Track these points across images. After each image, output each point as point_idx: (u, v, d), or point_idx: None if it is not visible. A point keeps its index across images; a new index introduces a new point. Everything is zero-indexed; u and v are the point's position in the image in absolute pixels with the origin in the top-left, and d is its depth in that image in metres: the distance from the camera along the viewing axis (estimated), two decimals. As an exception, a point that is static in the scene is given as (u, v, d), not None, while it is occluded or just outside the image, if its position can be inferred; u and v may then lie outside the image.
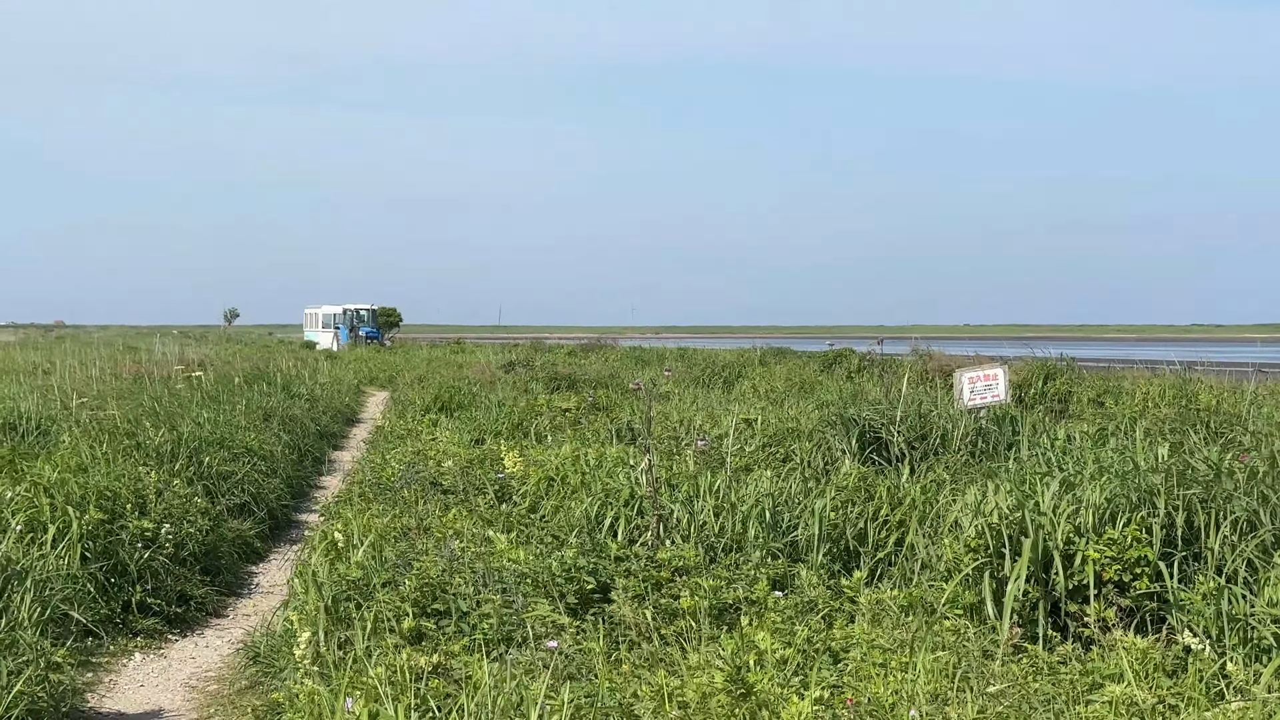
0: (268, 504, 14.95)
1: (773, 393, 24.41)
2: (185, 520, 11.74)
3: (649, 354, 44.95)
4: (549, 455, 13.52)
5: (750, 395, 24.17)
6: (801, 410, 18.24)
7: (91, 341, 55.73)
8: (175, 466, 13.81)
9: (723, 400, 22.26)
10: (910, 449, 13.54)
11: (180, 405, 18.27)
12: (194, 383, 22.15)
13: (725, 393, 25.77)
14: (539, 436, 17.24)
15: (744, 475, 11.75)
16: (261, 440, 17.35)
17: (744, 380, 29.35)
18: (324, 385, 30.60)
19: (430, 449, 15.59)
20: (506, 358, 36.78)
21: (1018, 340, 67.53)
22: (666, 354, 44.30)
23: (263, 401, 21.76)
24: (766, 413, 17.65)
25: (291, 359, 38.54)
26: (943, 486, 10.85)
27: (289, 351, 52.83)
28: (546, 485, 11.96)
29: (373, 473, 14.40)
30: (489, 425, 18.64)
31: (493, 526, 10.33)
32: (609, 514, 10.22)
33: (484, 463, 13.91)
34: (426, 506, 11.73)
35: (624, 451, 13.43)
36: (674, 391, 24.14)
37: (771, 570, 8.67)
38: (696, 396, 22.97)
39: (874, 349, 32.23)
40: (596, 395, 21.62)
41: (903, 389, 15.25)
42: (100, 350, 34.99)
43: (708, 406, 19.95)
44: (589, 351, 47.16)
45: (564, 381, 27.27)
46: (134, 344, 53.35)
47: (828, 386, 25.16)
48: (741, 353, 41.30)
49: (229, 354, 42.66)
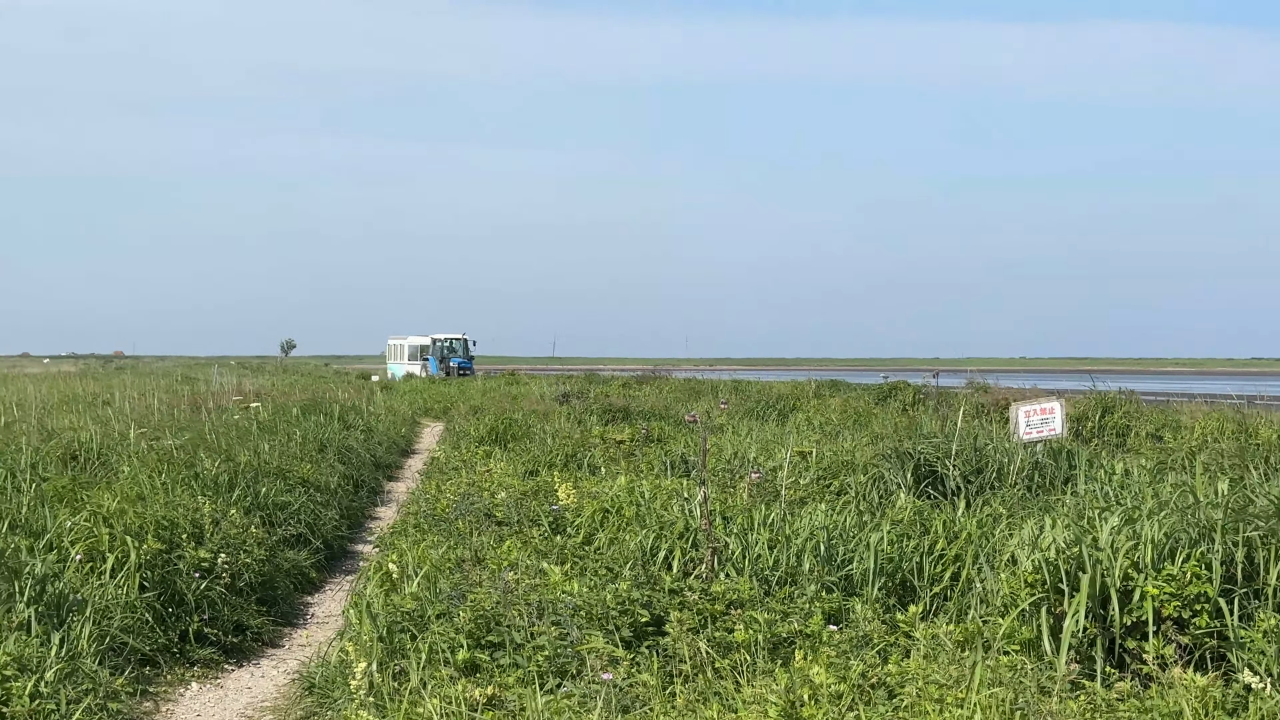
0: (323, 534, 15.03)
1: (827, 425, 24.31)
2: (242, 550, 11.81)
3: (703, 386, 44.88)
4: (603, 487, 13.52)
5: (805, 428, 24.07)
6: (856, 443, 18.16)
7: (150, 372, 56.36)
8: (232, 496, 13.89)
9: (777, 433, 22.18)
10: (966, 483, 13.47)
11: (237, 436, 18.41)
12: (251, 413, 22.32)
13: (780, 425, 25.68)
14: (593, 468, 17.25)
15: (798, 508, 11.73)
16: (317, 471, 17.46)
17: (798, 413, 29.27)
18: (379, 416, 30.76)
19: (484, 480, 15.63)
20: (561, 389, 36.85)
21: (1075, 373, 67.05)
22: (721, 386, 44.20)
23: (318, 432, 21.88)
24: (821, 446, 17.58)
25: (347, 390, 38.77)
26: (999, 521, 10.79)
27: (345, 383, 53.17)
28: (601, 517, 11.98)
29: (427, 504, 14.44)
30: (543, 457, 18.67)
31: (547, 558, 10.34)
32: (663, 546, 10.22)
33: (538, 494, 13.93)
34: (481, 538, 11.73)
35: (678, 484, 13.44)
36: (728, 424, 24.09)
37: (826, 604, 8.63)
38: (751, 429, 22.91)
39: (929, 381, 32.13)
40: (650, 427, 21.62)
41: (958, 422, 15.17)
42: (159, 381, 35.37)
43: (762, 439, 19.89)
44: (643, 383, 47.16)
45: (618, 413, 27.29)
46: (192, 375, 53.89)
47: (882, 419, 25.01)
48: (796, 385, 41.19)
49: (285, 385, 43.00)
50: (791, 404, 32.51)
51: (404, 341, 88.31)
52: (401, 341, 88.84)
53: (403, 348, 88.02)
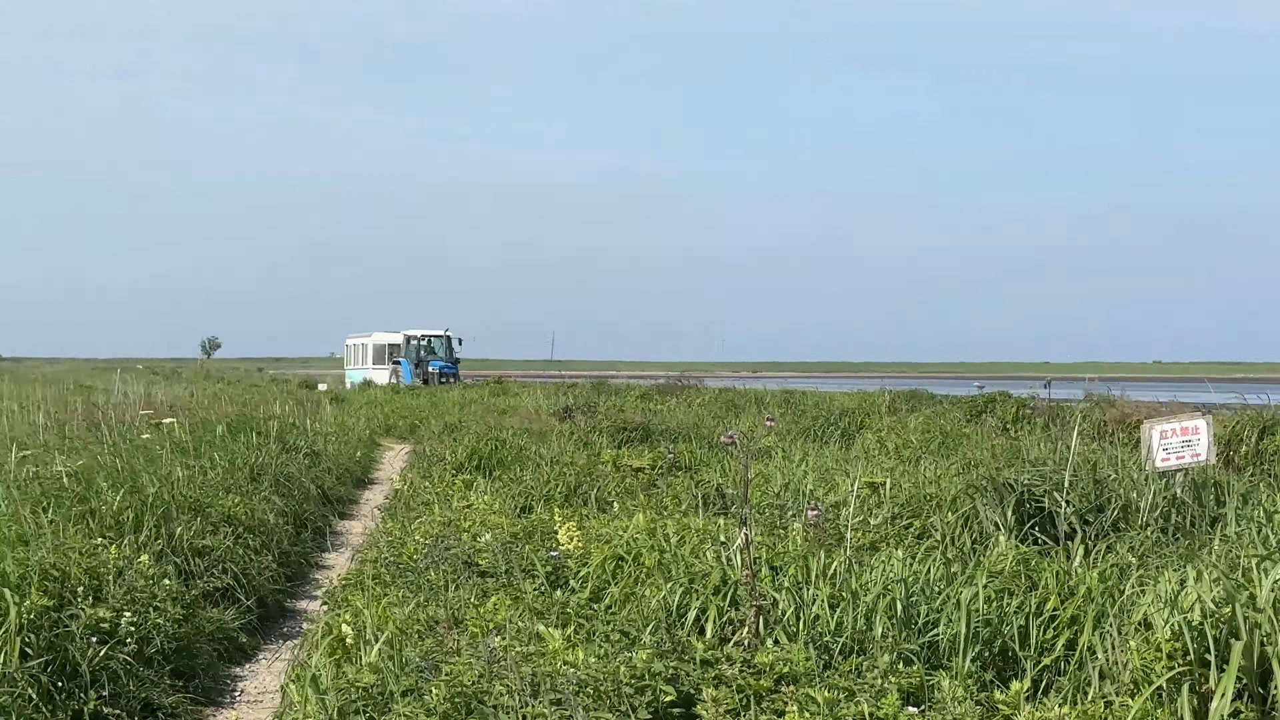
0: (256, 587, 15.03)
1: (905, 448, 24.26)
2: (152, 608, 11.79)
3: (743, 397, 44.84)
4: (616, 528, 13.53)
5: (875, 451, 24.04)
6: (942, 472, 18.12)
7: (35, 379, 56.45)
8: (140, 539, 13.88)
9: (840, 458, 22.15)
10: (1084, 523, 13.46)
11: (146, 460, 18.42)
12: (164, 431, 22.35)
13: (842, 448, 25.64)
14: (603, 504, 17.27)
15: (868, 555, 11.74)
16: (249, 506, 17.47)
17: (867, 432, 29.21)
18: (328, 436, 30.81)
19: (464, 519, 15.62)
20: (561, 401, 36.90)
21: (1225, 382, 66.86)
22: (766, 397, 44.19)
23: (250, 456, 21.90)
24: (897, 474, 17.56)
25: (288, 402, 38.85)
26: (1127, 573, 10.76)
27: (284, 393, 53.25)
28: (613, 567, 11.99)
29: (390, 549, 14.43)
30: (539, 489, 18.68)
31: (544, 619, 10.31)
32: (694, 604, 10.24)
33: (533, 537, 13.93)
34: (459, 593, 11.71)
35: (713, 524, 13.45)
36: (776, 446, 24.06)
37: (904, 679, 8.62)
38: (806, 453, 22.88)
39: (1036, 393, 32.09)
40: (677, 450, 21.63)
41: (1073, 445, 15.14)
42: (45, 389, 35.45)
43: (820, 466, 19.86)
44: (666, 394, 47.18)
45: (635, 432, 27.31)
46: (88, 382, 54.04)
47: (976, 441, 24.93)
48: (864, 396, 41.11)
49: (208, 395, 42.97)
50: (858, 421, 32.46)
51: (367, 340, 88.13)
52: (364, 340, 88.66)
53: (365, 348, 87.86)
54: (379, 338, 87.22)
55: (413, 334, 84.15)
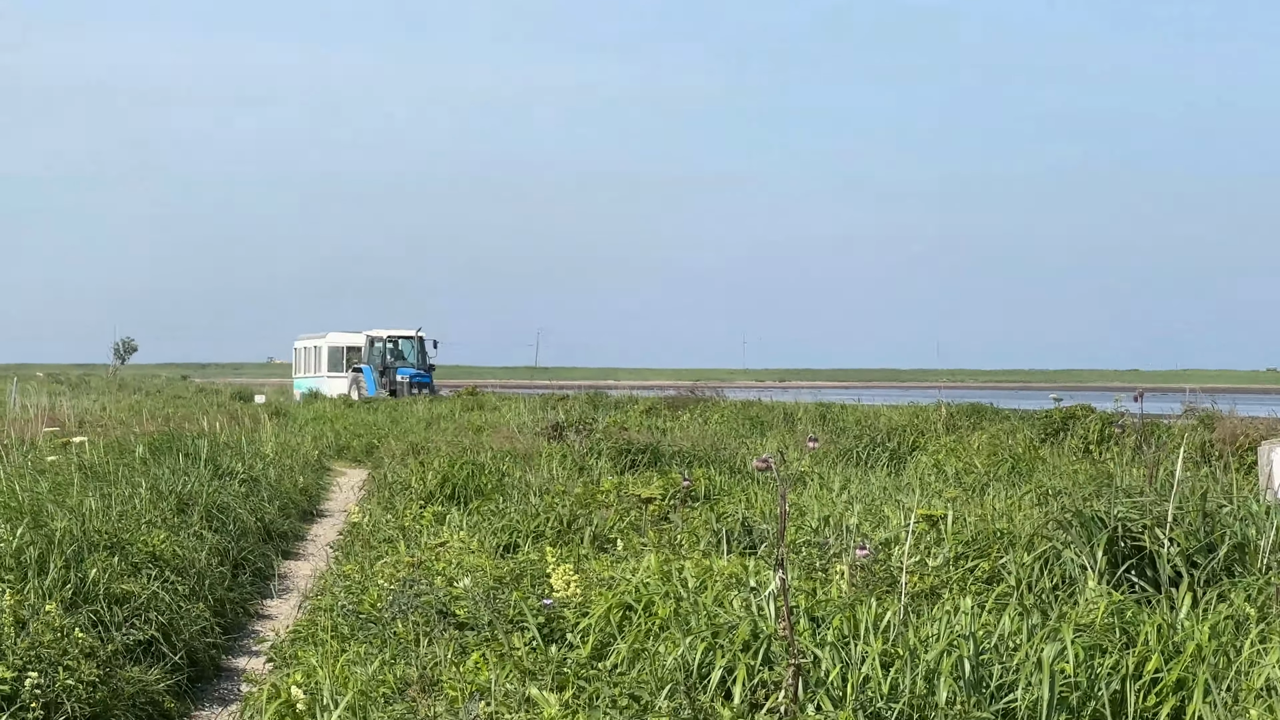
0: (186, 640, 15.02)
1: (967, 474, 24.23)
2: (61, 666, 11.78)
3: (770, 411, 44.76)
4: (622, 571, 13.51)
5: (931, 478, 23.99)
6: (1014, 502, 18.08)
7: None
8: (46, 583, 13.88)
9: (889, 485, 22.11)
10: (1190, 566, 13.40)
11: (53, 488, 18.41)
12: (72, 452, 22.34)
13: (892, 473, 25.60)
14: (604, 541, 17.23)
15: (927, 604, 11.77)
16: (176, 543, 17.46)
17: (920, 454, 29.18)
18: (269, 459, 30.78)
19: (436, 559, 15.60)
20: (549, 417, 36.83)
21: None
22: (798, 412, 44.11)
23: (177, 482, 21.90)
24: (959, 506, 17.52)
25: (219, 416, 38.83)
26: (1244, 627, 10.75)
27: (214, 405, 53.24)
28: (620, 617, 11.95)
29: (348, 595, 14.42)
30: (525, 524, 18.64)
31: (537, 680, 10.31)
32: (719, 662, 10.20)
33: (520, 581, 13.90)
34: (433, 648, 11.71)
35: (739, 565, 13.42)
36: (812, 471, 24.01)
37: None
38: (847, 479, 22.84)
39: (1125, 407, 31.97)
40: (692, 476, 21.57)
41: (1175, 471, 15.09)
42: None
43: (866, 496, 19.82)
44: (678, 408, 47.13)
45: (641, 455, 27.26)
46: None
47: (1054, 465, 24.92)
48: (915, 411, 41.04)
49: (124, 408, 43.05)
50: (910, 440, 32.41)
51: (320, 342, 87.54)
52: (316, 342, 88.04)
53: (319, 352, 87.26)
54: (335, 339, 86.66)
55: (377, 335, 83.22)
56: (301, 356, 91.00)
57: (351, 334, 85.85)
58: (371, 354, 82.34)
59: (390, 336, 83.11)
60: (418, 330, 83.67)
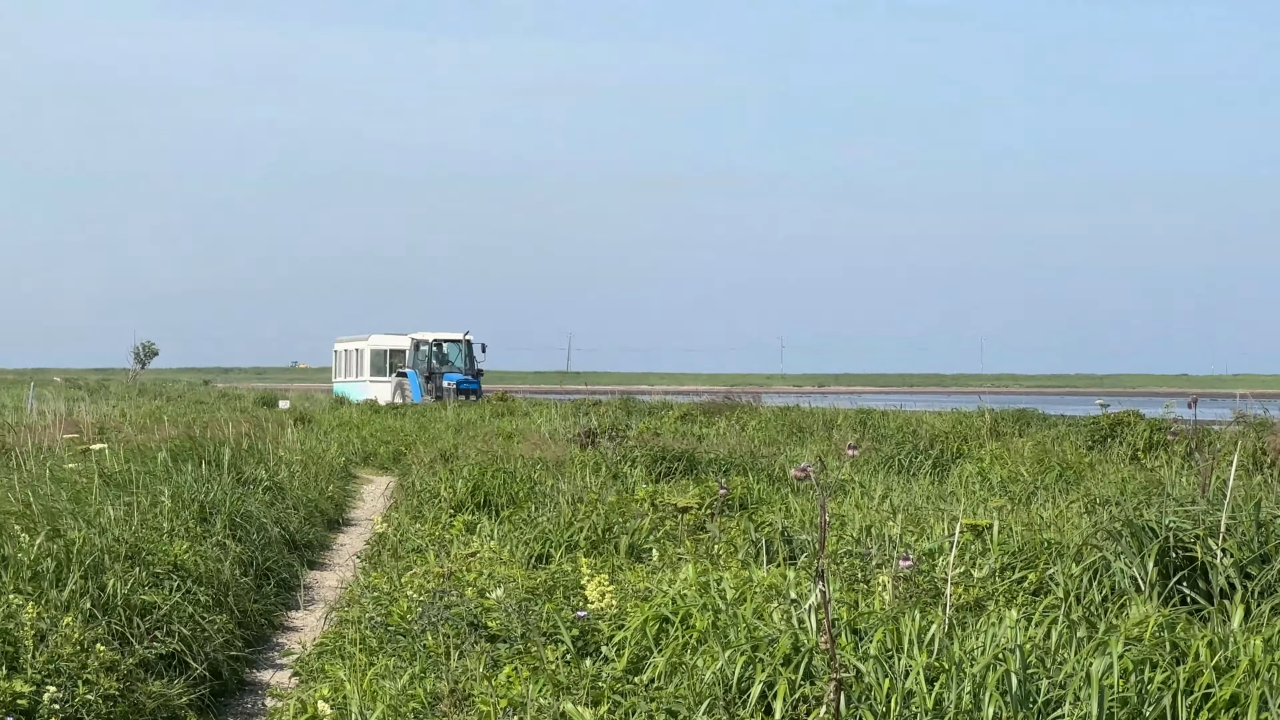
0: (209, 653, 14.98)
1: (1013, 482, 24.21)
2: (81, 680, 11.76)
3: (809, 417, 44.84)
4: (658, 582, 13.53)
5: (976, 486, 23.98)
6: (1061, 512, 18.05)
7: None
8: (64, 595, 13.85)
9: (932, 494, 22.08)
10: (1245, 578, 13.39)
11: (72, 497, 18.36)
12: (91, 460, 22.29)
13: (935, 481, 25.58)
14: (640, 551, 17.24)
15: (972, 616, 11.84)
16: (198, 553, 17.40)
17: (965, 461, 29.19)
18: (294, 466, 30.74)
19: (467, 570, 15.62)
20: (582, 423, 36.82)
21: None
22: (837, 418, 44.12)
23: (200, 490, 21.86)
24: (1004, 515, 17.52)
25: (242, 423, 38.81)
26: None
27: (237, 410, 53.37)
28: (656, 630, 11.97)
29: (376, 606, 14.42)
30: (558, 533, 18.69)
31: (571, 695, 10.34)
32: (759, 677, 10.22)
33: (553, 593, 13.97)
34: (464, 662, 11.71)
35: (779, 576, 13.43)
36: (853, 479, 23.97)
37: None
38: (889, 487, 22.79)
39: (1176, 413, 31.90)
40: (729, 484, 21.49)
41: (1228, 480, 14.99)
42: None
43: (909, 505, 19.82)
44: (713, 414, 47.22)
45: (676, 462, 27.23)
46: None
47: (1102, 473, 24.88)
48: (959, 417, 41.12)
49: (144, 414, 43.13)
50: (953, 447, 32.41)
51: (362, 345, 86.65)
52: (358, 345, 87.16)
53: (361, 356, 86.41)
54: (378, 342, 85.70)
55: (422, 338, 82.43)
56: (342, 360, 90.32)
57: (395, 336, 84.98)
58: (417, 358, 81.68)
59: (436, 340, 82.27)
60: (465, 333, 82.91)
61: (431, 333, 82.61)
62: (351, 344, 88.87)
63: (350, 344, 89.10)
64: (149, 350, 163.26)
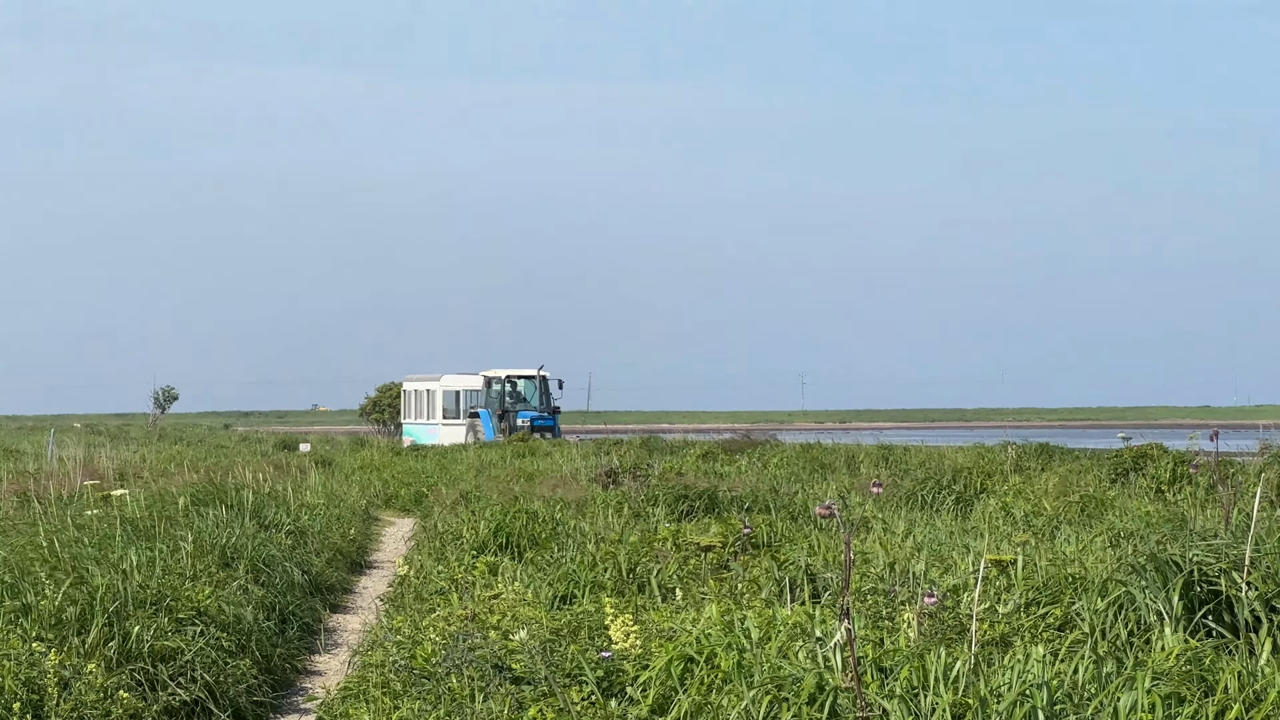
0: (233, 699, 15.06)
1: (1036, 517, 24.15)
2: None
3: (831, 454, 44.77)
4: (683, 621, 13.52)
5: (1000, 521, 23.93)
6: (1086, 546, 18.03)
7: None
8: (87, 642, 13.92)
9: (955, 529, 22.06)
10: (1270, 611, 13.33)
11: (94, 543, 18.45)
12: (113, 506, 22.39)
13: (958, 517, 25.52)
14: (664, 591, 17.25)
15: (998, 652, 11.75)
16: (221, 598, 17.48)
17: (988, 496, 29.08)
18: (315, 509, 30.82)
19: (491, 611, 15.61)
20: (603, 462, 36.82)
21: None
22: (859, 454, 44.09)
23: (221, 535, 21.93)
24: (1029, 550, 17.49)
25: (264, 467, 38.90)
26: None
27: (257, 455, 53.35)
28: (681, 670, 11.94)
29: (399, 650, 14.42)
30: (582, 573, 18.64)
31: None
32: (784, 716, 10.24)
33: (578, 633, 13.96)
34: (489, 704, 11.72)
35: (803, 615, 13.40)
36: (875, 515, 23.97)
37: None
38: (912, 523, 22.79)
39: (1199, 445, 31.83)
40: (752, 523, 21.55)
41: (1253, 513, 15.01)
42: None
43: (932, 541, 19.78)
44: (735, 452, 47.11)
45: (699, 501, 27.20)
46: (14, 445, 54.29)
47: (1125, 507, 24.83)
48: (981, 452, 40.95)
49: (165, 459, 43.14)
50: (976, 483, 32.29)
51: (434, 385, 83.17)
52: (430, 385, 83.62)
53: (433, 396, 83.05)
54: (449, 382, 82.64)
55: (494, 375, 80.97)
56: (412, 401, 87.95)
57: (467, 376, 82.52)
58: (489, 397, 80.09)
59: (509, 376, 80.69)
60: (539, 369, 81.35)
61: (504, 370, 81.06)
62: (422, 384, 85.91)
63: (420, 384, 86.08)
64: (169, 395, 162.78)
